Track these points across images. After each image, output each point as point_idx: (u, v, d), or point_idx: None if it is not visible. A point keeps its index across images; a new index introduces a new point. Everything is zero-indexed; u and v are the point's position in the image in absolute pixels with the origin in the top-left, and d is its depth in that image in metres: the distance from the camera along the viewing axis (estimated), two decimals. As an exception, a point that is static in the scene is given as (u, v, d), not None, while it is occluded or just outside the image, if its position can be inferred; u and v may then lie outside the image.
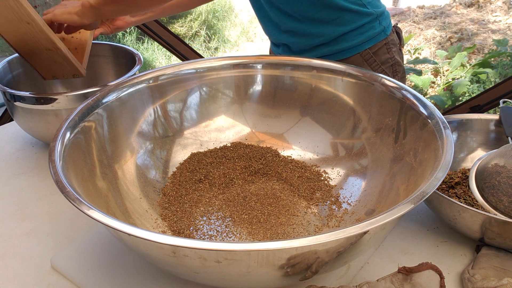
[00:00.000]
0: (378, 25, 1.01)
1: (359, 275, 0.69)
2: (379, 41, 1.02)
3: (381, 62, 1.03)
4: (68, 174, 0.62)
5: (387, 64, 1.04)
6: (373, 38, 1.01)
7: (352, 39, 1.00)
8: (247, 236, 0.73)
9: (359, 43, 1.01)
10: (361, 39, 1.00)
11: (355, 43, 1.01)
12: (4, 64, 1.05)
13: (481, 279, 0.64)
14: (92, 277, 0.69)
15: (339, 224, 0.76)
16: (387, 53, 1.04)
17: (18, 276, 0.71)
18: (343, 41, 1.00)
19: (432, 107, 0.73)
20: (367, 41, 1.01)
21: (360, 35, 1.00)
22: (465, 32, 3.82)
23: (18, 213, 0.85)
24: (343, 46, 1.01)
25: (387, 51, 1.04)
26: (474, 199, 0.77)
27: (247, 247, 0.49)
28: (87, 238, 0.77)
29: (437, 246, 0.75)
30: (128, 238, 0.55)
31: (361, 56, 1.02)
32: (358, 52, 1.02)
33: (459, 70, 3.00)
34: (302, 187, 0.83)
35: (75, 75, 0.90)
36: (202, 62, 0.91)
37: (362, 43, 1.01)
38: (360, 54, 1.02)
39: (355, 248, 0.56)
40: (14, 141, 1.09)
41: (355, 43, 1.00)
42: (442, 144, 0.65)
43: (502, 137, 0.85)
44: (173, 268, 0.58)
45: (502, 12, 4.18)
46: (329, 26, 0.98)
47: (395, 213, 0.52)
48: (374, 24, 1.01)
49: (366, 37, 1.00)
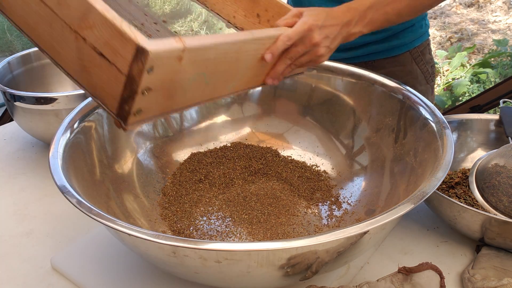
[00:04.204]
0: (425, 25, 1.01)
1: (359, 275, 0.69)
2: (424, 40, 1.01)
3: (426, 61, 1.02)
4: (68, 174, 0.62)
5: (430, 64, 1.03)
6: (420, 37, 1.00)
7: (404, 37, 0.98)
8: (247, 236, 0.73)
9: (409, 41, 0.99)
10: (412, 37, 0.98)
11: (406, 41, 0.98)
12: (4, 64, 1.05)
13: (481, 279, 0.64)
14: (92, 277, 0.69)
15: (339, 224, 0.76)
16: (429, 53, 1.03)
17: (18, 276, 0.71)
18: (394, 39, 0.97)
19: (432, 107, 0.74)
20: (416, 39, 0.99)
21: (411, 33, 0.98)
22: (465, 32, 3.82)
23: (18, 213, 0.85)
24: (394, 44, 0.99)
25: (429, 51, 1.03)
26: (474, 199, 0.77)
27: (247, 247, 0.49)
28: (87, 238, 0.77)
29: (437, 246, 0.75)
30: (128, 238, 0.55)
31: (411, 54, 1.00)
32: (408, 50, 0.99)
33: (459, 70, 2.99)
34: (302, 187, 0.83)
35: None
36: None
37: (412, 41, 0.99)
38: (409, 52, 0.99)
39: (355, 248, 0.56)
40: (14, 141, 1.09)
41: (406, 40, 0.98)
42: (442, 144, 0.65)
43: (502, 137, 0.85)
44: (173, 268, 0.58)
45: (502, 12, 4.18)
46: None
47: (395, 213, 0.52)
48: (422, 23, 1.00)
49: (416, 35, 0.99)
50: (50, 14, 0.48)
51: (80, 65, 0.48)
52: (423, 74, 1.02)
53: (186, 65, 0.49)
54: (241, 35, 0.59)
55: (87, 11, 0.45)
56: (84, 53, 0.47)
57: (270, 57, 0.63)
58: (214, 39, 0.52)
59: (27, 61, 1.09)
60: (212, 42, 0.52)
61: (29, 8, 0.49)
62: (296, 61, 0.67)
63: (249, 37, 0.59)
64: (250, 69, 0.63)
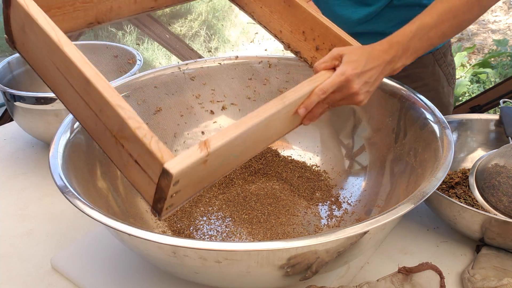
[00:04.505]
0: None
1: (359, 275, 0.69)
2: (446, 43, 1.00)
3: (447, 63, 1.00)
4: (68, 174, 0.62)
5: (451, 65, 1.02)
6: None
7: None
8: (247, 236, 0.73)
9: None
10: None
11: None
12: (4, 64, 1.05)
13: (481, 279, 0.64)
14: (92, 277, 0.69)
15: (339, 224, 0.76)
16: (450, 55, 1.02)
17: (18, 276, 0.71)
18: None
19: (432, 107, 0.74)
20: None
21: None
22: (465, 32, 3.82)
23: (18, 213, 0.85)
24: None
25: (450, 53, 1.02)
26: (474, 199, 0.77)
27: (247, 247, 0.49)
28: (87, 238, 0.77)
29: (437, 246, 0.75)
30: (128, 238, 0.55)
31: (433, 56, 0.98)
32: (431, 51, 0.97)
33: (459, 70, 2.99)
34: (302, 187, 0.83)
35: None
36: (202, 62, 0.91)
37: None
38: (432, 54, 0.98)
39: (355, 248, 0.56)
40: (14, 141, 1.09)
41: None
42: (442, 144, 0.66)
43: (502, 137, 0.85)
44: (173, 268, 0.58)
45: (502, 12, 4.18)
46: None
47: (395, 213, 0.52)
48: None
49: None
50: (94, 117, 0.54)
51: (121, 161, 0.54)
52: (445, 76, 1.00)
53: (212, 161, 0.53)
54: (270, 108, 0.59)
55: (122, 125, 0.50)
56: (123, 156, 0.53)
57: (304, 112, 0.64)
58: (240, 128, 0.54)
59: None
60: (237, 133, 0.54)
61: (80, 108, 0.56)
62: (333, 105, 0.66)
63: (280, 107, 0.59)
64: (282, 124, 0.64)
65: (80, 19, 0.66)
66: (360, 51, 0.65)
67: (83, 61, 0.53)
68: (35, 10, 0.55)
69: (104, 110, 0.52)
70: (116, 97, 0.51)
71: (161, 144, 0.49)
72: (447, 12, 0.66)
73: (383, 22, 0.92)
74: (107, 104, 0.51)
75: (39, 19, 0.54)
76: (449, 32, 0.68)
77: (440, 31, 0.67)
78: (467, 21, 0.69)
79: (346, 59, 0.64)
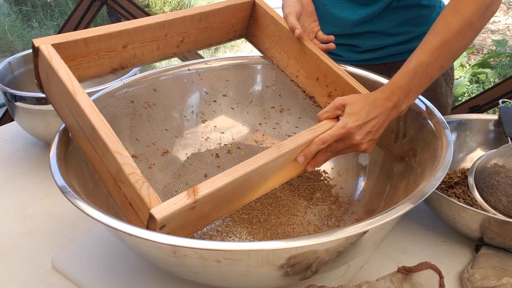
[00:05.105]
0: None
1: (359, 275, 0.69)
2: None
3: None
4: (68, 174, 0.62)
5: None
6: None
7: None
8: (247, 236, 0.73)
9: None
10: None
11: None
12: (5, 64, 1.05)
13: (480, 279, 0.64)
14: (92, 277, 0.69)
15: (339, 224, 0.77)
16: None
17: (19, 276, 0.71)
18: (415, 41, 0.94)
19: (431, 107, 0.74)
20: None
21: None
22: (464, 32, 3.82)
23: (19, 213, 0.85)
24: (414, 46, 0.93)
25: None
26: (473, 199, 0.77)
27: (247, 247, 0.49)
28: (87, 238, 0.77)
29: (437, 245, 0.75)
30: (128, 237, 0.55)
31: None
32: None
33: (459, 70, 3.00)
34: (302, 187, 0.83)
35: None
36: (202, 62, 0.92)
37: None
38: None
39: (355, 247, 0.56)
40: (14, 141, 1.09)
41: None
42: (442, 144, 0.66)
43: (501, 137, 0.85)
44: (173, 268, 0.58)
45: (501, 13, 4.18)
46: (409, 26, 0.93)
47: (395, 213, 0.53)
48: None
49: None
50: (99, 159, 0.60)
51: (120, 201, 0.60)
52: (443, 76, 1.00)
53: (202, 206, 0.56)
54: (264, 157, 0.61)
55: (119, 170, 0.56)
56: (121, 196, 0.58)
57: (303, 159, 0.65)
58: (230, 177, 0.57)
59: (28, 61, 1.09)
60: (227, 181, 0.57)
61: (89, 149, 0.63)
62: (337, 153, 0.67)
63: (274, 157, 0.61)
64: (283, 170, 0.66)
65: (105, 65, 0.72)
66: (363, 102, 0.66)
67: (91, 109, 0.59)
68: (57, 62, 0.62)
69: (106, 155, 0.58)
70: (115, 143, 0.57)
71: (151, 190, 0.54)
72: (442, 46, 0.66)
73: (383, 22, 0.92)
74: (107, 150, 0.57)
75: (59, 71, 0.61)
76: (446, 63, 0.68)
77: (438, 65, 0.67)
78: (463, 47, 0.68)
79: (348, 111, 0.65)
